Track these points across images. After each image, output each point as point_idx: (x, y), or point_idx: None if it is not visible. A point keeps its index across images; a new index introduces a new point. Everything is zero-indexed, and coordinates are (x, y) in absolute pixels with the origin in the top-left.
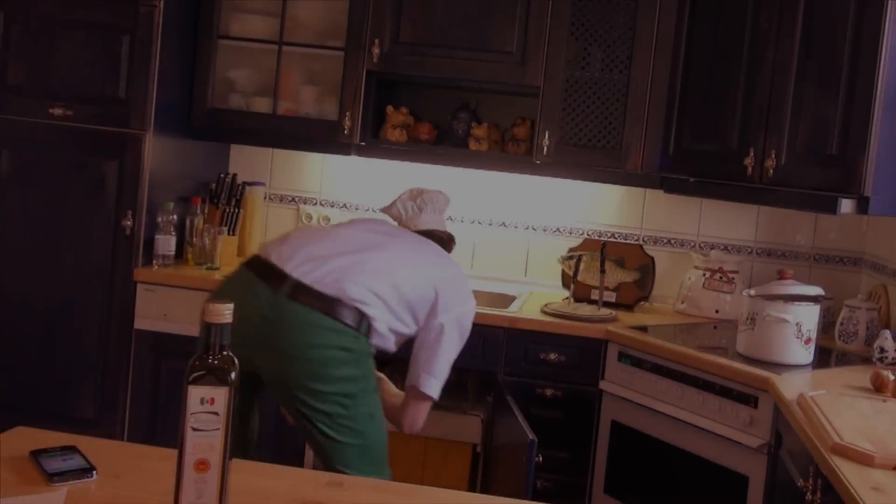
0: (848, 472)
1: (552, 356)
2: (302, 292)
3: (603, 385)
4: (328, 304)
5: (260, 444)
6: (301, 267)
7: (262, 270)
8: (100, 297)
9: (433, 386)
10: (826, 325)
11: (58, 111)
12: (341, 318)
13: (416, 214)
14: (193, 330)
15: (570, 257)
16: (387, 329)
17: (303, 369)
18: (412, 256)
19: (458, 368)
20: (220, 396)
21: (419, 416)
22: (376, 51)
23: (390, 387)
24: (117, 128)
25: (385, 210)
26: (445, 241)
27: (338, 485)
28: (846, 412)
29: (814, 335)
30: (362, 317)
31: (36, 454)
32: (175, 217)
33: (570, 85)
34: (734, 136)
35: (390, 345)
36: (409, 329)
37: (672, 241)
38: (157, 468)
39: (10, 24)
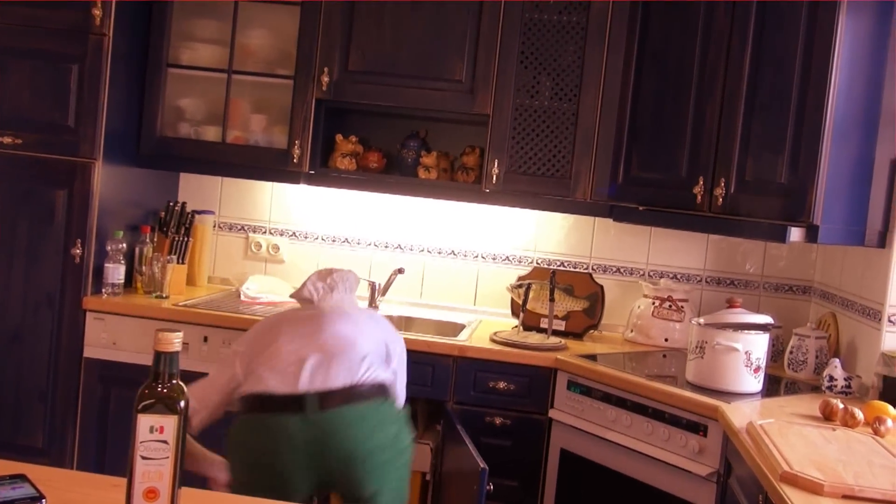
0: (797, 501)
1: (501, 385)
2: (326, 400)
3: (552, 413)
4: (353, 394)
5: None
6: (306, 377)
7: (275, 405)
8: (49, 326)
9: None
10: (775, 353)
11: (6, 139)
12: (372, 397)
13: (328, 294)
14: (142, 358)
15: (520, 286)
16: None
17: (375, 460)
18: (355, 319)
19: (407, 397)
20: (169, 425)
21: None
22: (325, 79)
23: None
24: (66, 156)
25: (295, 294)
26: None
27: None
28: (795, 440)
29: (763, 364)
30: (382, 386)
31: None
32: (124, 245)
33: (520, 113)
34: (683, 165)
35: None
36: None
37: (621, 270)
38: (106, 497)
39: None
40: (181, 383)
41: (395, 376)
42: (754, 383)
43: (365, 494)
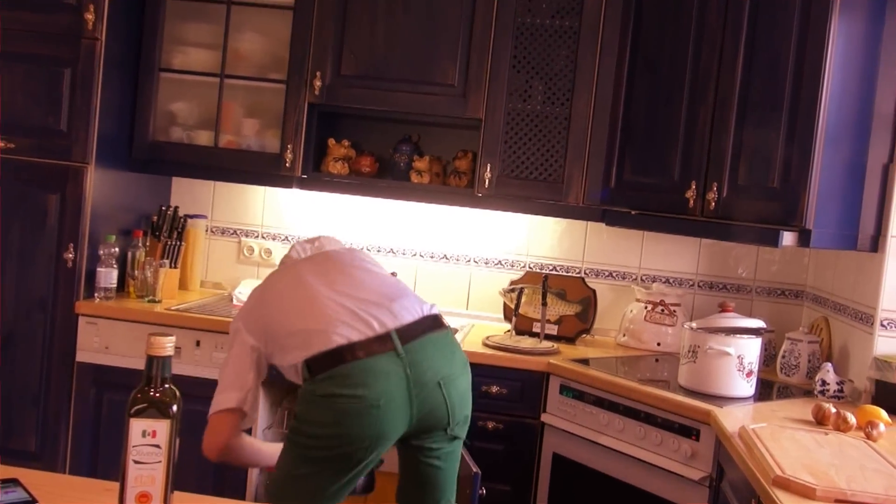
0: None
1: (494, 389)
2: (408, 332)
3: (545, 418)
4: (432, 322)
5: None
6: (380, 319)
7: (355, 352)
8: (41, 330)
9: None
10: (768, 357)
11: None
12: (443, 325)
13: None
14: (135, 363)
15: (512, 290)
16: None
17: (466, 378)
18: (376, 269)
19: None
20: (161, 429)
21: None
22: (318, 83)
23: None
24: (59, 160)
25: (284, 258)
26: None
27: None
28: (788, 445)
29: (755, 368)
30: (439, 316)
31: None
32: (117, 250)
33: (512, 118)
34: (675, 169)
35: None
36: None
37: (614, 274)
38: (99, 501)
39: None
40: (174, 387)
41: None
42: (747, 387)
43: (460, 419)
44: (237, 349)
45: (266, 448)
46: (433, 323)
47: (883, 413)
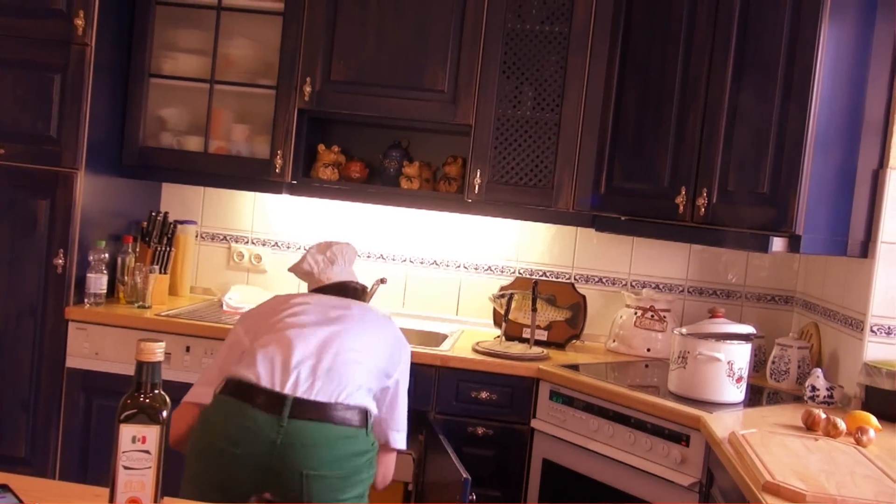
0: None
1: (484, 394)
2: (304, 409)
3: (534, 423)
4: (333, 413)
5: None
6: (289, 381)
7: (254, 397)
8: (31, 336)
9: (402, 440)
10: (758, 363)
11: None
12: (349, 423)
13: (328, 267)
14: (125, 368)
15: (502, 296)
16: (375, 409)
17: (325, 484)
18: (370, 332)
19: (411, 408)
20: (151, 435)
21: (391, 470)
22: (308, 89)
23: None
24: (49, 166)
25: (294, 267)
26: (360, 291)
27: None
28: (778, 451)
29: (745, 374)
30: (364, 413)
31: None
32: (107, 255)
33: (502, 123)
34: (665, 175)
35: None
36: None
37: (603, 280)
38: None
39: None
40: (163, 393)
41: (397, 385)
42: (736, 393)
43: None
44: (228, 342)
45: None
46: (344, 417)
47: (873, 419)
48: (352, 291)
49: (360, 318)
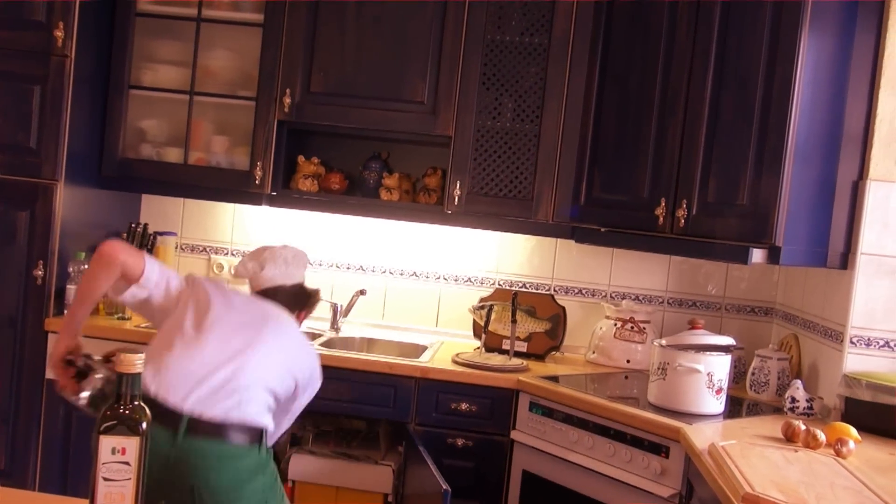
0: None
1: (463, 406)
2: (199, 427)
3: (514, 435)
4: (227, 432)
5: None
6: (189, 398)
7: (154, 409)
8: (10, 347)
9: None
10: (737, 374)
11: None
12: (243, 442)
13: (257, 273)
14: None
15: (482, 307)
16: (273, 423)
17: (216, 501)
18: (275, 354)
19: (369, 419)
20: (131, 446)
21: None
22: (287, 101)
23: None
24: (28, 177)
25: (235, 274)
26: (294, 294)
27: None
28: (757, 462)
29: (725, 385)
30: (259, 431)
31: None
32: (86, 267)
33: (482, 135)
34: (645, 187)
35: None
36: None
37: (583, 291)
38: None
39: None
40: (143, 405)
41: (297, 399)
42: (716, 405)
43: None
44: (183, 305)
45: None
46: (239, 436)
47: (852, 430)
48: (281, 296)
49: (272, 334)
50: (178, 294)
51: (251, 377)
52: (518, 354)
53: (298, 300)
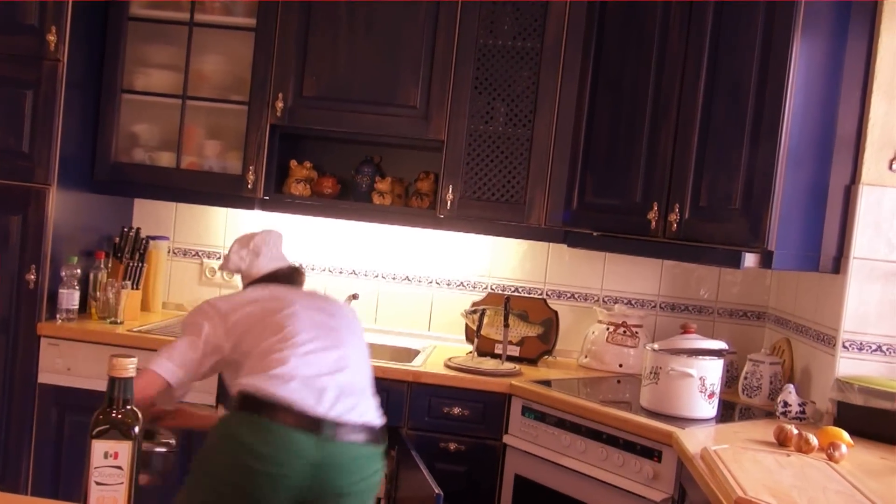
0: None
1: (456, 410)
2: (339, 431)
3: (506, 439)
4: (366, 433)
5: None
6: (323, 403)
7: (288, 417)
8: (3, 352)
9: None
10: (730, 379)
11: None
12: (376, 441)
13: (255, 260)
14: (97, 384)
15: (474, 311)
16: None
17: (355, 500)
18: (359, 342)
19: None
20: (123, 451)
21: None
22: (280, 105)
23: None
24: (21, 182)
25: (223, 267)
26: (295, 274)
27: None
28: (750, 466)
29: (717, 389)
30: (382, 429)
31: None
32: (79, 271)
33: (474, 139)
34: (637, 191)
35: None
36: None
37: (576, 296)
38: None
39: None
40: (135, 409)
41: None
42: (709, 409)
43: None
44: (204, 338)
45: (199, 413)
46: (370, 436)
47: (845, 434)
48: (284, 278)
49: (348, 327)
50: (217, 332)
51: (360, 376)
52: (510, 359)
53: (298, 280)
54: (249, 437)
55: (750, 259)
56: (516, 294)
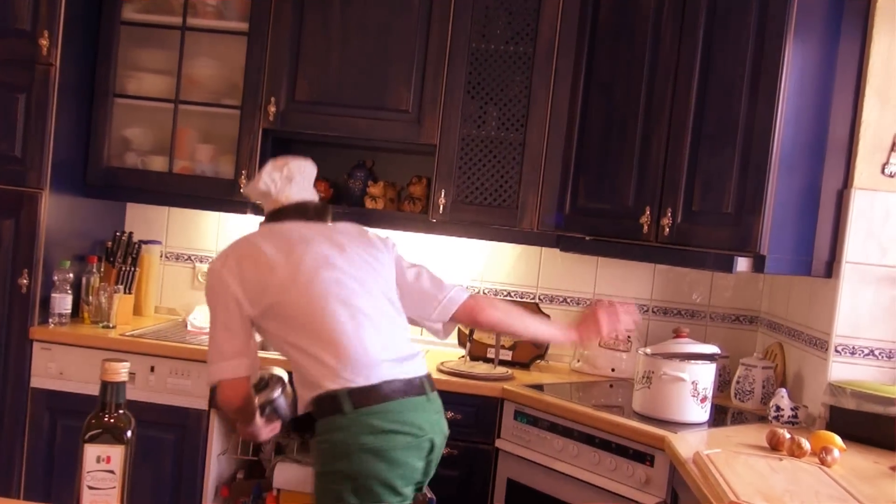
0: None
1: (448, 414)
2: (428, 382)
3: (499, 443)
4: (433, 384)
5: None
6: (412, 362)
7: (397, 387)
8: None
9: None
10: (722, 383)
11: None
12: (436, 386)
13: (286, 185)
14: (89, 388)
15: None
16: None
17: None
18: (384, 278)
19: None
20: (115, 455)
21: None
22: (272, 109)
23: None
24: (13, 186)
25: (250, 188)
26: (322, 210)
27: None
28: (742, 470)
29: (710, 393)
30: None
31: None
32: (71, 275)
33: (467, 143)
34: (630, 195)
35: None
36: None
37: (568, 300)
38: None
39: None
40: (128, 413)
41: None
42: (701, 413)
43: (429, 480)
44: (231, 315)
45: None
46: (433, 382)
47: (837, 439)
48: (313, 212)
49: (372, 274)
50: (243, 308)
51: (398, 325)
52: (503, 363)
53: (321, 216)
54: (383, 425)
55: (742, 263)
56: (509, 298)
